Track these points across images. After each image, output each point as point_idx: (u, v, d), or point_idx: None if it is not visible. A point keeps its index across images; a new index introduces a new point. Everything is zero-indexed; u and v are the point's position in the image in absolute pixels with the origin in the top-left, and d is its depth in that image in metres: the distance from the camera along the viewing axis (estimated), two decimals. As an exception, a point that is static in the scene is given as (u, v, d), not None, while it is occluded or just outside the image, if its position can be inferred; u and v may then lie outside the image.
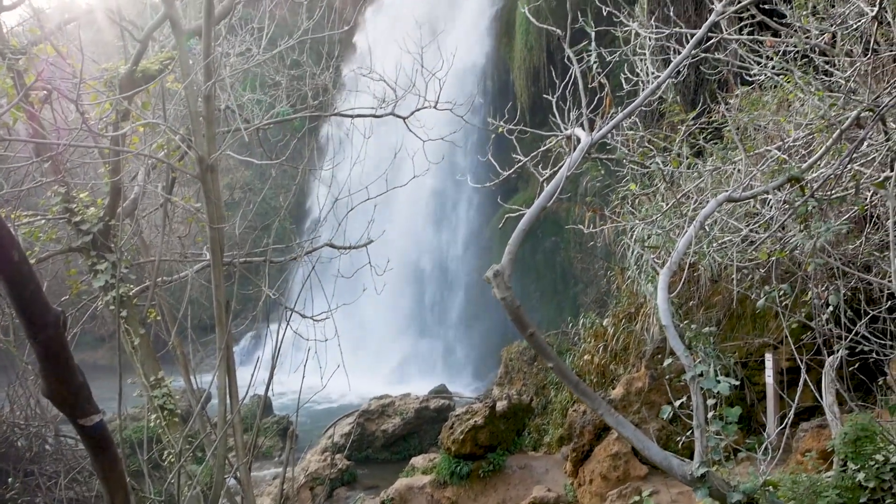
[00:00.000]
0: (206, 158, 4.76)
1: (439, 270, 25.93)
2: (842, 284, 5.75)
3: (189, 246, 7.67)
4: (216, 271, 4.80)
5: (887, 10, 4.76)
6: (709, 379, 3.57)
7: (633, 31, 6.49)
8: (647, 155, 6.57)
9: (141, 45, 5.51)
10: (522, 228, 3.38)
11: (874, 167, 4.84)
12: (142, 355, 5.70)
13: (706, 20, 4.68)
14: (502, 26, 26.39)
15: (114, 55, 7.81)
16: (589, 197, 15.66)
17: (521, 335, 3.51)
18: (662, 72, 5.87)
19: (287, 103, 8.90)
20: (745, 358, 10.12)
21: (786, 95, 6.45)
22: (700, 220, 4.01)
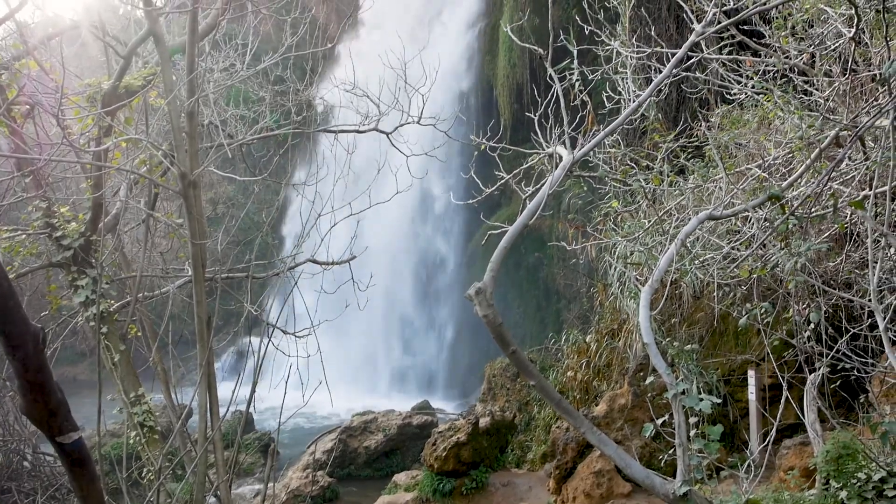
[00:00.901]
0: (188, 174, 4.74)
1: (423, 287, 25.89)
2: (823, 302, 5.80)
3: (171, 261, 7.61)
4: (198, 287, 4.76)
5: (864, 31, 4.84)
6: (691, 397, 3.57)
7: (614, 49, 6.55)
8: (629, 173, 6.62)
9: (124, 61, 5.49)
10: (504, 246, 3.38)
11: (853, 185, 4.90)
12: (122, 371, 5.63)
13: (687, 39, 4.73)
14: (486, 43, 26.57)
15: (98, 69, 7.77)
16: (572, 214, 15.74)
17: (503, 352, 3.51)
18: (644, 90, 5.93)
19: (271, 118, 8.88)
20: (727, 374, 10.16)
21: (766, 114, 6.53)
22: (681, 238, 4.04)
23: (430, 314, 25.63)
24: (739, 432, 9.68)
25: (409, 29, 25.53)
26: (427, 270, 26.01)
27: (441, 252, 25.93)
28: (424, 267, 26.03)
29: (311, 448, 16.19)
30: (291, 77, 10.01)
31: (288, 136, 7.92)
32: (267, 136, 8.07)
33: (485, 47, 26.69)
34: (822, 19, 5.83)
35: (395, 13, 24.24)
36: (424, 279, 25.94)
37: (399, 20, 24.65)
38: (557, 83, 4.47)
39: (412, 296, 25.79)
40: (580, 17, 7.39)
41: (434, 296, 25.69)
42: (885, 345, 3.20)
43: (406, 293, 25.74)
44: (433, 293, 25.76)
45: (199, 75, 6.46)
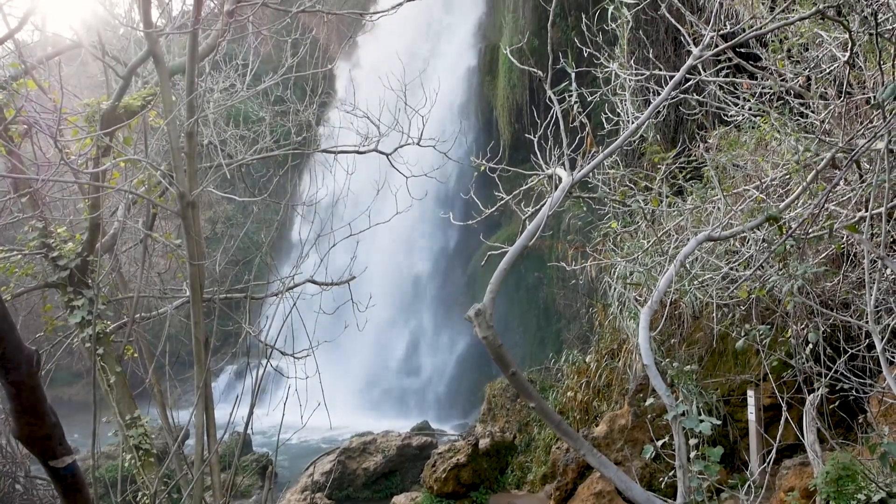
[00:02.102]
0: (187, 195, 4.75)
1: (423, 306, 25.86)
2: (821, 322, 5.79)
3: (168, 281, 7.60)
4: (195, 308, 4.75)
5: (858, 54, 4.88)
6: (691, 418, 3.55)
7: (613, 71, 6.59)
8: (628, 194, 6.63)
9: (124, 82, 5.52)
10: (504, 268, 3.38)
11: (850, 207, 4.91)
12: (118, 393, 5.60)
13: (685, 61, 4.76)
14: (486, 64, 26.74)
15: (98, 88, 7.81)
16: (571, 234, 15.75)
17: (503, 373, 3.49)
18: (642, 112, 5.96)
19: (271, 139, 8.91)
20: (727, 394, 10.12)
21: (763, 136, 6.56)
22: (680, 259, 4.03)
23: (429, 334, 25.58)
24: (739, 452, 9.63)
25: (410, 50, 25.71)
26: (426, 290, 25.99)
27: (441, 273, 25.92)
28: (424, 287, 26.02)
29: (310, 470, 16.08)
30: (291, 97, 10.06)
31: (288, 155, 7.95)
32: (266, 157, 8.10)
33: (484, 68, 26.86)
34: (817, 43, 5.87)
35: (396, 33, 24.40)
36: (424, 299, 25.91)
37: (399, 41, 24.83)
38: (556, 105, 4.49)
39: (411, 316, 25.75)
40: (579, 39, 7.44)
41: (434, 316, 25.66)
42: (883, 366, 3.19)
43: (405, 313, 25.70)
44: (433, 313, 25.72)
45: (199, 95, 6.49)
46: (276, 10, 6.62)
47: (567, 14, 21.28)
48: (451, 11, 27.37)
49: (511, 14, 24.78)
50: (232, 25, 5.68)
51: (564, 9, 21.27)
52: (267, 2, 5.92)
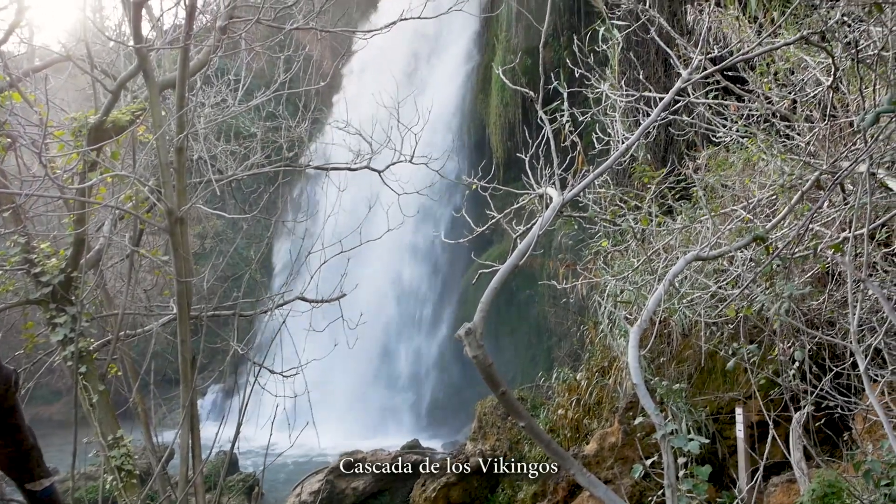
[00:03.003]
0: (175, 211, 4.74)
1: (413, 324, 25.80)
2: (807, 340, 5.81)
3: (155, 298, 7.55)
4: (182, 326, 4.73)
5: (842, 79, 4.93)
6: (679, 437, 3.55)
7: (603, 92, 6.64)
8: (619, 213, 6.66)
9: (112, 96, 5.51)
10: (495, 287, 3.37)
11: (835, 227, 4.95)
12: (100, 413, 5.53)
13: (675, 81, 4.80)
14: (479, 82, 26.87)
15: (86, 101, 7.79)
16: (562, 253, 15.79)
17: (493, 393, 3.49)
18: (633, 131, 6.00)
19: (262, 154, 8.91)
20: (716, 412, 10.11)
21: (750, 157, 6.61)
22: (669, 279, 4.04)
23: (420, 352, 25.50)
24: (728, 470, 9.61)
25: (403, 67, 25.83)
26: (418, 308, 25.93)
27: (432, 290, 25.88)
28: (415, 304, 25.96)
29: (298, 490, 15.93)
30: (283, 113, 10.07)
31: (279, 172, 7.95)
32: (258, 173, 8.09)
33: (477, 86, 26.98)
34: (802, 67, 5.94)
35: (389, 52, 24.51)
36: (415, 317, 25.85)
37: (393, 58, 24.95)
38: (548, 125, 4.51)
39: (402, 333, 25.67)
40: (571, 59, 7.49)
41: (424, 334, 25.59)
42: (866, 385, 3.20)
43: (396, 331, 25.63)
44: (423, 331, 25.65)
45: (190, 110, 6.49)
46: (270, 27, 6.64)
47: (559, 34, 21.44)
48: (444, 29, 27.51)
49: (504, 33, 24.94)
50: (224, 42, 5.69)
51: (557, 29, 21.43)
52: (260, 19, 5.95)
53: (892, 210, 4.41)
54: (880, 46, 4.39)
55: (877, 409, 3.06)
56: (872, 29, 4.87)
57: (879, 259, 5.25)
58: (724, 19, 7.93)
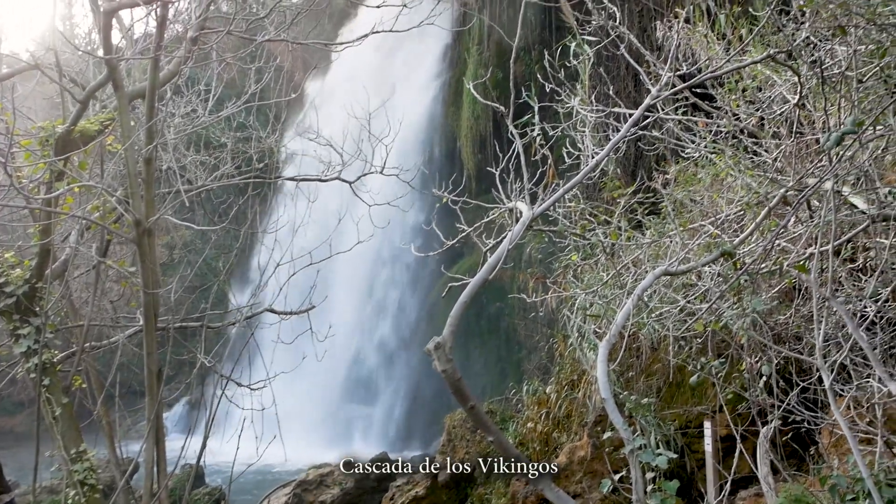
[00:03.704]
0: (143, 222, 4.67)
1: (383, 337, 25.69)
2: (774, 355, 5.89)
3: (121, 308, 7.43)
4: (149, 338, 4.65)
5: (808, 97, 5.04)
6: (647, 452, 3.58)
7: (574, 107, 6.70)
8: (588, 228, 6.71)
9: (81, 106, 5.43)
10: (464, 301, 3.38)
11: (801, 243, 5.03)
12: (63, 426, 5.41)
13: (645, 96, 4.86)
14: (450, 95, 26.97)
15: (54, 110, 7.66)
16: (533, 266, 15.85)
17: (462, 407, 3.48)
18: (602, 147, 6.05)
19: (232, 165, 8.83)
20: (684, 425, 10.19)
21: (718, 172, 6.71)
22: (638, 294, 4.08)
23: (389, 365, 25.40)
24: (697, 484, 9.68)
25: (375, 79, 25.85)
26: (387, 320, 25.84)
27: (402, 302, 25.81)
28: (385, 317, 25.87)
29: (264, 503, 15.74)
30: (254, 124, 10.01)
31: (249, 182, 7.89)
32: (227, 184, 8.02)
33: (449, 99, 27.08)
34: (769, 84, 6.05)
35: (361, 63, 24.51)
36: (385, 329, 25.75)
37: (364, 70, 24.96)
38: (518, 140, 4.54)
39: (371, 346, 25.56)
40: (542, 74, 7.55)
41: (394, 346, 25.50)
42: (831, 401, 3.25)
43: (365, 343, 25.50)
44: (393, 343, 25.56)
45: (160, 121, 6.42)
46: (241, 38, 6.60)
47: (531, 48, 21.62)
48: (415, 42, 27.60)
49: (476, 46, 25.10)
50: (194, 53, 5.64)
51: (528, 43, 21.61)
52: (232, 30, 5.91)
53: (857, 227, 4.51)
54: (845, 66, 4.50)
55: (841, 424, 3.12)
56: (838, 48, 4.99)
57: (845, 274, 5.34)
58: (693, 36, 8.06)
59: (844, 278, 5.37)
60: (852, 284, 5.36)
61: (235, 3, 6.09)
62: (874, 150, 4.71)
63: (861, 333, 3.51)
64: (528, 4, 4.89)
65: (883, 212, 4.24)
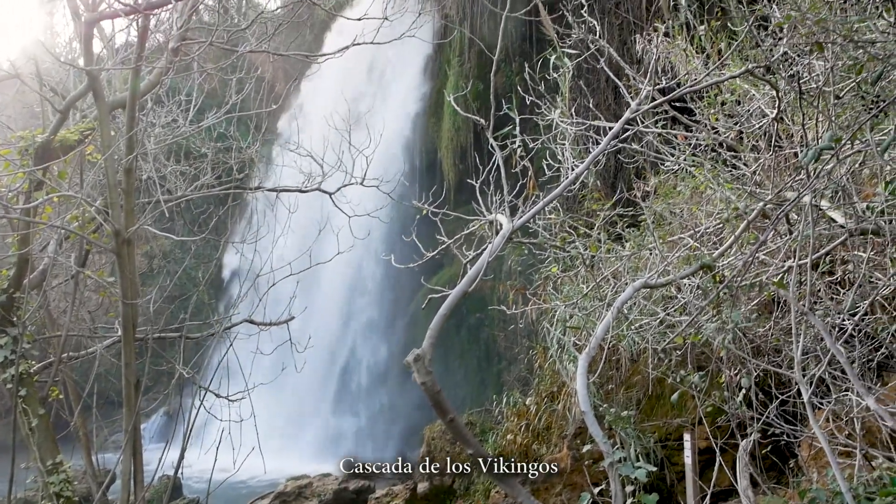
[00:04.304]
0: (122, 232, 4.63)
1: (362, 347, 25.58)
2: (753, 367, 5.93)
3: (100, 317, 7.34)
4: (127, 349, 4.61)
5: (786, 111, 5.11)
6: (626, 465, 3.58)
7: (554, 120, 6.75)
8: (568, 240, 6.74)
9: (61, 116, 5.38)
10: (444, 313, 3.38)
11: (780, 256, 5.09)
12: (39, 437, 5.33)
13: (625, 108, 4.91)
14: (431, 106, 27.02)
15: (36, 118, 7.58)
16: (513, 277, 15.88)
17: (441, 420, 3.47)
18: (582, 159, 6.09)
19: (212, 175, 8.78)
20: (664, 438, 10.22)
21: (698, 185, 6.78)
22: (617, 306, 4.10)
23: (368, 376, 25.28)
24: (676, 496, 9.70)
25: (356, 89, 25.84)
26: (366, 331, 25.74)
27: (382, 313, 25.73)
28: (364, 328, 25.77)
29: (243, 514, 15.58)
30: (235, 134, 9.96)
31: (229, 192, 7.85)
32: (208, 194, 7.97)
33: (430, 110, 27.13)
34: (748, 98, 6.14)
35: (342, 73, 24.50)
36: (364, 340, 25.64)
37: (345, 80, 24.95)
38: (498, 152, 4.56)
39: (351, 357, 25.43)
40: (522, 86, 7.60)
41: (373, 358, 25.40)
42: (809, 415, 3.28)
43: (345, 354, 25.38)
44: (373, 354, 25.46)
45: (140, 131, 6.37)
46: (223, 48, 6.58)
47: (511, 60, 21.73)
48: (397, 54, 27.67)
49: (457, 58, 25.19)
50: (175, 64, 5.62)
51: (509, 55, 21.71)
52: (213, 41, 5.89)
53: (835, 240, 4.57)
54: (822, 81, 4.57)
55: (820, 437, 3.14)
56: (815, 63, 5.07)
57: (824, 287, 5.40)
58: (673, 49, 8.15)
59: (823, 291, 5.44)
60: (830, 298, 5.42)
61: (217, 13, 6.08)
62: (851, 164, 4.79)
63: (839, 347, 3.55)
64: (508, 17, 4.93)
65: (861, 226, 4.30)
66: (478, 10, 23.26)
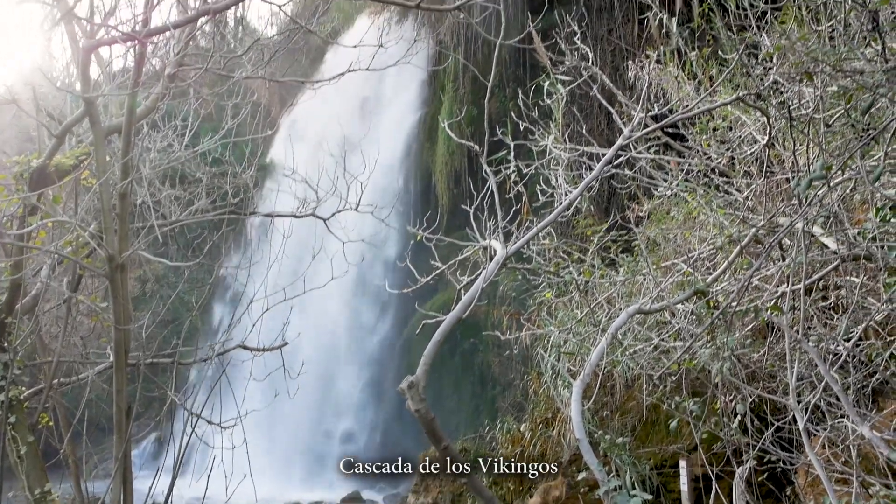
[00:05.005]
0: (116, 257, 4.62)
1: (356, 374, 25.44)
2: (748, 393, 5.92)
3: (92, 342, 7.30)
4: (119, 375, 4.57)
5: (777, 137, 5.16)
6: (622, 494, 3.56)
7: (548, 146, 6.79)
8: (562, 265, 6.75)
9: (56, 141, 5.38)
10: (438, 340, 3.38)
11: (774, 282, 5.10)
12: (28, 465, 5.26)
13: (618, 134, 4.95)
14: (425, 131, 27.15)
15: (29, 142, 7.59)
16: (506, 304, 15.87)
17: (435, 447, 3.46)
18: (576, 184, 6.13)
19: (207, 200, 8.79)
20: (660, 464, 10.16)
21: (691, 210, 6.81)
22: (612, 332, 4.11)
23: (362, 402, 25.12)
24: (672, 524, 9.62)
25: (351, 114, 25.97)
26: (360, 357, 25.62)
27: (375, 339, 25.64)
28: (358, 354, 25.65)
29: (234, 542, 15.35)
30: (230, 159, 9.98)
31: (224, 217, 7.84)
32: (202, 219, 7.97)
33: (424, 134, 27.25)
34: (739, 124, 6.20)
35: (336, 99, 24.64)
36: (357, 367, 25.51)
37: (340, 106, 25.08)
38: (492, 178, 4.58)
39: (344, 384, 25.28)
40: (516, 111, 7.65)
41: (367, 383, 25.25)
42: (805, 443, 3.28)
43: (338, 379, 25.23)
44: (366, 380, 25.32)
45: (136, 156, 6.38)
46: (219, 74, 6.62)
47: (505, 85, 21.89)
48: (392, 77, 27.85)
49: (451, 83, 25.36)
50: (171, 90, 5.64)
51: (503, 80, 21.87)
52: (209, 67, 5.92)
53: (828, 265, 4.59)
54: (812, 108, 4.62)
55: (816, 465, 3.13)
56: (805, 89, 5.12)
57: (817, 313, 5.41)
58: (665, 76, 8.23)
59: (816, 317, 5.45)
60: (824, 323, 5.43)
61: (214, 39, 6.13)
62: (843, 191, 4.82)
63: (833, 375, 3.55)
64: (502, 44, 4.98)
65: (853, 251, 4.32)
66: (472, 36, 23.47)
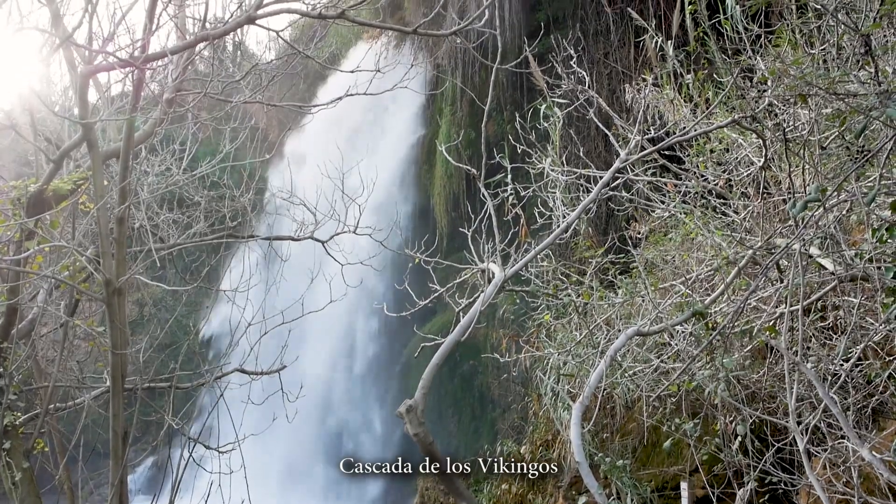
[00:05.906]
0: (113, 282, 4.61)
1: (355, 396, 25.33)
2: (748, 415, 5.90)
3: (89, 365, 7.26)
4: (115, 400, 4.55)
5: (773, 159, 5.19)
6: (622, 517, 3.54)
7: (545, 169, 6.82)
8: (560, 288, 6.75)
9: (54, 165, 5.40)
10: (436, 363, 3.37)
11: (772, 303, 5.10)
12: (22, 492, 5.21)
13: (616, 156, 4.98)
14: (423, 154, 27.25)
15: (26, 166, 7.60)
16: (504, 327, 15.84)
17: (434, 471, 3.43)
18: (574, 206, 6.15)
19: (205, 223, 8.80)
20: (661, 486, 10.09)
21: (688, 232, 6.83)
22: (610, 354, 4.10)
23: (362, 425, 24.98)
24: (674, 548, 9.53)
25: (348, 138, 26.08)
26: (359, 380, 25.52)
27: (374, 361, 25.55)
28: (356, 376, 25.56)
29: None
30: (228, 182, 10.00)
31: (221, 241, 7.85)
32: (200, 243, 7.97)
33: (422, 157, 27.35)
34: (736, 146, 6.23)
35: (335, 122, 24.76)
36: (356, 389, 25.41)
37: (338, 129, 25.19)
38: (490, 201, 4.60)
39: (343, 407, 25.16)
40: (513, 134, 7.69)
41: (366, 404, 25.14)
42: (805, 465, 3.26)
43: (337, 404, 25.11)
44: (364, 402, 25.21)
45: (134, 180, 6.39)
46: (217, 99, 6.65)
47: (503, 108, 22.00)
48: (390, 101, 28.01)
49: (449, 106, 25.50)
50: (170, 115, 5.67)
51: (500, 103, 21.99)
52: (208, 92, 5.96)
53: (826, 286, 4.59)
54: (807, 130, 4.65)
55: (816, 487, 3.11)
56: (800, 111, 5.16)
57: (815, 333, 5.41)
58: (661, 98, 8.28)
59: (815, 338, 5.44)
60: (822, 344, 5.42)
61: (212, 64, 6.17)
62: (839, 212, 4.84)
63: (832, 397, 3.54)
64: (499, 68, 5.02)
65: (850, 272, 4.33)
66: (469, 60, 23.63)
